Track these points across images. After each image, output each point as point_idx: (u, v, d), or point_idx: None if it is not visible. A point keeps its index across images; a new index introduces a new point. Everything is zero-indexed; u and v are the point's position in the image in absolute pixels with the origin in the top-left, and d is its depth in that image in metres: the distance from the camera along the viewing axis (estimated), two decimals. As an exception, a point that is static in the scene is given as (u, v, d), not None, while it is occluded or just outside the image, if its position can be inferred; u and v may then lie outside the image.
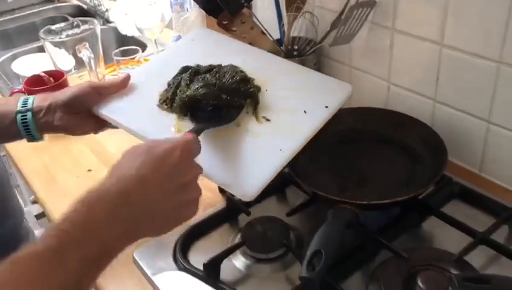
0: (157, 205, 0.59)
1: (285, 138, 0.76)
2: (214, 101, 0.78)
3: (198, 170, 0.64)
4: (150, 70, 0.93)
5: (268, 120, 0.79)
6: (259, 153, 0.73)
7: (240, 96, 0.80)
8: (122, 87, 0.85)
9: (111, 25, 1.82)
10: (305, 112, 0.80)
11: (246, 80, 0.83)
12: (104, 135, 1.17)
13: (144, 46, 1.64)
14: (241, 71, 0.85)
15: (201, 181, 1.01)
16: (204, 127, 0.73)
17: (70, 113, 0.82)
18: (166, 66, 0.89)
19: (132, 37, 1.69)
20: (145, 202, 0.58)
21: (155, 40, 1.49)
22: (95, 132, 0.89)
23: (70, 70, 1.37)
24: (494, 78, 0.86)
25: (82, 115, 0.84)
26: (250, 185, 0.69)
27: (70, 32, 1.33)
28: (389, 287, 0.72)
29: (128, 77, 0.86)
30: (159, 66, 0.93)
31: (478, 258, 0.77)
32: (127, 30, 1.67)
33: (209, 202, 0.96)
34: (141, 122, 0.79)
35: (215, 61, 0.88)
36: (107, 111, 0.82)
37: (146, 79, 0.87)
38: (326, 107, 0.81)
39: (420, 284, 0.70)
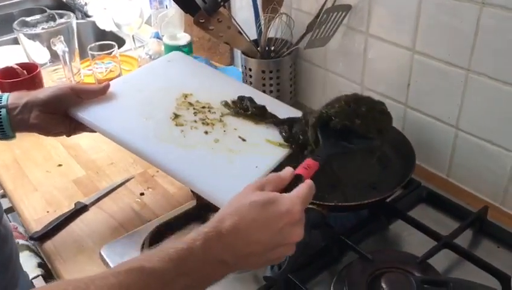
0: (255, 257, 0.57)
1: (260, 156, 0.83)
2: (346, 122, 0.83)
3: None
4: (130, 83, 0.97)
5: (244, 140, 0.86)
6: (236, 168, 0.80)
7: (374, 126, 0.85)
8: (101, 94, 0.88)
9: (90, 19, 1.80)
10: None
11: (384, 113, 0.87)
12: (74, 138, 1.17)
13: (122, 42, 1.63)
14: (381, 103, 0.88)
15: (171, 178, 1.02)
16: (331, 150, 0.78)
17: (47, 112, 0.83)
18: (143, 81, 0.98)
19: (111, 32, 1.67)
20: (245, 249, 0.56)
21: (133, 36, 1.48)
22: (68, 135, 0.90)
23: (46, 64, 1.35)
24: (463, 85, 0.88)
25: (58, 115, 0.85)
26: (227, 196, 0.70)
27: (45, 25, 1.31)
28: (353, 288, 0.72)
29: (108, 85, 0.90)
30: (137, 80, 0.99)
31: (442, 261, 0.78)
32: (105, 25, 1.65)
33: (179, 199, 0.96)
34: (123, 128, 0.84)
35: (189, 84, 0.97)
36: (87, 114, 0.85)
37: (125, 91, 0.93)
38: None
39: (383, 285, 0.71)
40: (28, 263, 0.98)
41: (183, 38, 1.31)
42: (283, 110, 0.96)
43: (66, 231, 0.89)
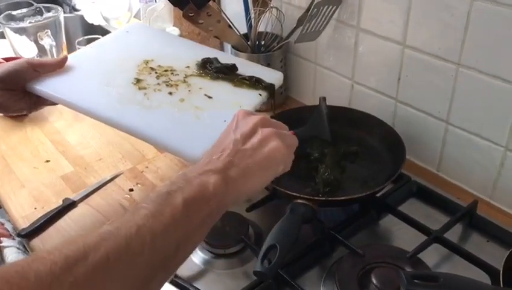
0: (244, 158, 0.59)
1: (228, 110, 0.79)
2: None
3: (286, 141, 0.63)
4: (88, 55, 0.96)
5: (210, 97, 0.85)
6: (204, 123, 0.80)
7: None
8: (59, 67, 0.87)
9: (78, 13, 1.77)
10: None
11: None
12: (64, 125, 1.16)
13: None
14: None
15: (161, 173, 1.01)
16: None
17: (4, 89, 0.83)
18: (103, 52, 0.97)
19: (99, 26, 1.65)
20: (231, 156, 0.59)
21: (121, 30, 1.46)
22: (29, 111, 0.90)
23: (33, 58, 1.33)
24: (453, 80, 0.88)
25: (17, 92, 0.84)
26: (196, 149, 0.72)
27: (32, 19, 1.29)
28: (343, 283, 0.72)
29: (65, 58, 0.89)
30: (96, 52, 0.98)
31: (432, 256, 0.78)
32: (93, 19, 1.63)
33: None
34: (84, 97, 0.83)
35: (149, 51, 0.96)
36: (46, 87, 0.85)
37: (83, 63, 0.92)
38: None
39: (374, 280, 0.71)
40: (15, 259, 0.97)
41: (172, 32, 1.30)
42: (256, 70, 0.94)
43: (54, 228, 0.88)
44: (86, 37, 1.28)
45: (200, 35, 1.42)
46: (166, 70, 0.91)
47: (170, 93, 0.85)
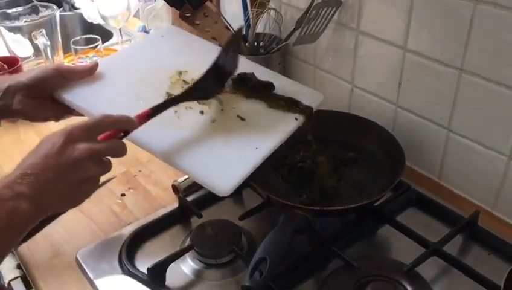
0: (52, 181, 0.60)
1: (261, 136, 0.76)
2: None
3: (100, 169, 0.64)
4: (119, 62, 0.90)
5: (243, 119, 0.79)
6: (234, 150, 0.73)
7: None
8: (88, 74, 0.82)
9: (77, 11, 1.75)
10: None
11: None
12: (59, 127, 1.13)
13: (110, 35, 1.59)
14: None
15: (154, 178, 0.98)
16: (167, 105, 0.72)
17: (31, 96, 0.78)
18: (135, 59, 0.90)
19: (98, 25, 1.63)
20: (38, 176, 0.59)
21: (120, 29, 1.44)
22: (56, 120, 0.84)
23: (29, 58, 1.31)
24: (455, 85, 0.85)
25: (44, 99, 0.79)
26: (225, 182, 0.68)
27: (28, 17, 1.27)
28: (337, 297, 0.70)
29: (96, 65, 0.83)
30: (127, 59, 0.91)
31: (430, 269, 0.76)
32: (93, 17, 1.61)
33: (161, 201, 0.92)
34: (112, 112, 0.74)
35: (183, 61, 0.88)
36: (74, 97, 0.78)
37: (114, 71, 0.85)
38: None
39: (369, 295, 0.69)
40: (5, 264, 0.95)
41: (170, 32, 1.28)
42: (294, 89, 0.87)
43: (42, 234, 0.85)
44: (82, 36, 1.25)
45: (200, 36, 1.39)
46: None
47: (202, 112, 0.79)
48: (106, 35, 1.59)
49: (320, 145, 0.93)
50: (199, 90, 0.77)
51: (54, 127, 1.14)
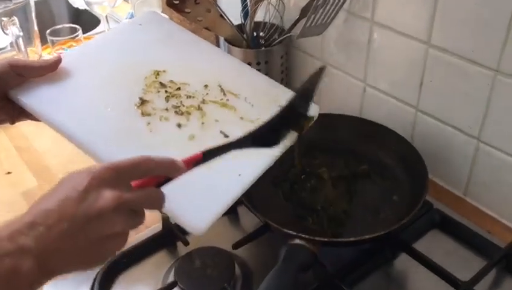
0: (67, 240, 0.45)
1: (246, 160, 0.62)
2: None
3: (129, 223, 0.48)
4: (87, 56, 0.76)
5: (227, 136, 0.67)
6: (214, 177, 0.60)
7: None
8: (49, 70, 0.69)
9: (63, -5, 1.62)
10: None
11: None
12: (33, 130, 1.01)
13: (98, 23, 1.45)
14: None
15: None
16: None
17: None
18: (106, 52, 0.75)
19: (86, 11, 1.49)
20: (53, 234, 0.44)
21: (106, 17, 1.30)
22: (12, 122, 0.72)
23: (5, 48, 1.18)
24: (489, 89, 0.72)
25: None
26: (200, 218, 0.57)
27: (2, 4, 1.14)
28: None
29: (59, 60, 0.70)
30: (97, 53, 0.76)
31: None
32: (78, 2, 1.47)
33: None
34: (72, 119, 0.64)
35: (163, 57, 0.75)
36: (27, 98, 0.66)
37: (81, 66, 0.71)
38: None
39: None
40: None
41: (160, 20, 1.14)
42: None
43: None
44: (59, 26, 1.12)
45: (192, 25, 1.26)
46: (179, 89, 0.73)
47: (179, 125, 0.67)
48: (96, 22, 1.46)
49: (326, 156, 0.81)
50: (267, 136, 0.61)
51: (28, 131, 1.02)
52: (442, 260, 0.69)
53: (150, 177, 0.49)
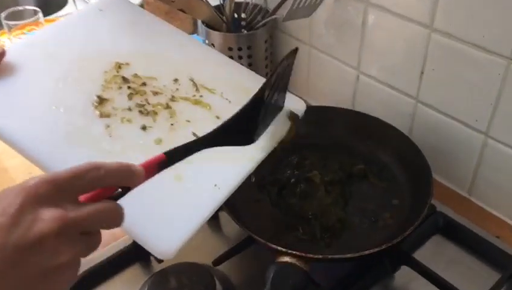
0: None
1: (223, 168, 0.55)
2: None
3: (79, 249, 0.38)
4: (39, 46, 0.65)
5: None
6: (185, 189, 0.53)
7: None
8: None
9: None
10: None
11: None
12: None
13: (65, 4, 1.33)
14: None
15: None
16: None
17: None
18: (59, 43, 0.64)
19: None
20: None
21: (73, -4, 1.19)
22: None
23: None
24: (501, 79, 0.64)
25: None
26: (170, 238, 0.49)
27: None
28: None
29: (2, 53, 0.59)
30: (49, 42, 0.65)
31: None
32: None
33: (114, 231, 0.71)
34: (19, 124, 0.54)
35: (126, 48, 0.66)
36: None
37: (30, 60, 0.61)
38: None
39: None
40: None
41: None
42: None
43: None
44: (15, 8, 1.00)
45: (166, 8, 1.15)
46: (144, 85, 0.63)
47: (144, 128, 0.58)
48: (62, 4, 1.34)
49: (317, 155, 0.72)
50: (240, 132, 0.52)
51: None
52: (447, 271, 0.62)
53: (101, 188, 0.39)
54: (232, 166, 0.56)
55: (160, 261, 0.64)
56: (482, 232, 0.68)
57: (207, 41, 0.91)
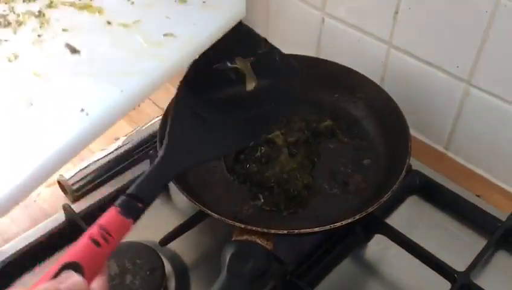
0: None
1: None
2: None
3: None
4: None
5: (76, 51, 0.44)
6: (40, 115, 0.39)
7: None
8: None
9: None
10: None
11: None
12: None
13: None
14: None
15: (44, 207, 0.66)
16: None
17: None
18: None
19: None
20: None
21: None
22: None
23: None
24: (488, 17, 0.55)
25: None
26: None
27: None
28: None
29: None
30: None
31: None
32: None
33: (45, 207, 0.61)
34: None
35: None
36: None
37: None
38: None
39: None
40: None
41: None
42: None
43: None
44: None
45: None
46: None
47: None
48: None
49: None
50: None
51: None
52: (425, 236, 0.56)
53: None
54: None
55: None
56: (462, 191, 0.61)
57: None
